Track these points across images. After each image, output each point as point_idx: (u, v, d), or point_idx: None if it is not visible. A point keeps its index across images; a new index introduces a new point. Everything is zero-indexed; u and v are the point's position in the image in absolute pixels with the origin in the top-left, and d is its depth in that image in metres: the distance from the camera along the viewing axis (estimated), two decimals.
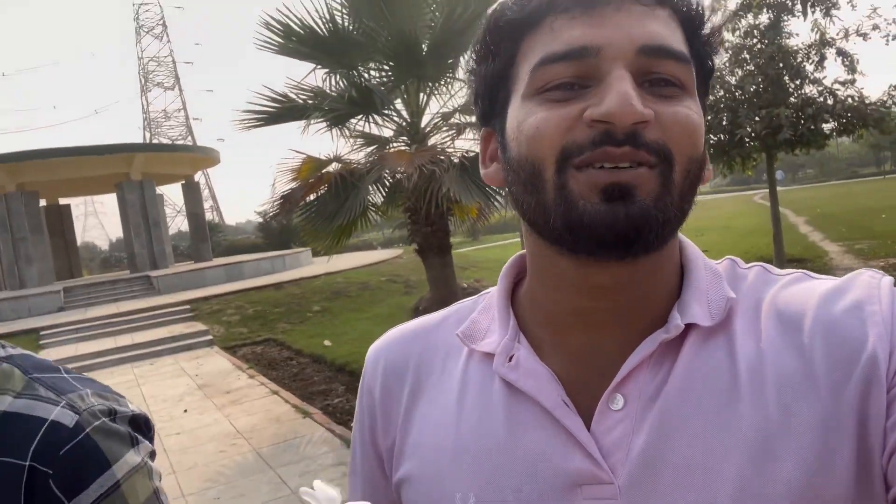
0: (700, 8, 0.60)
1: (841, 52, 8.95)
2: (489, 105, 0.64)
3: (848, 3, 8.84)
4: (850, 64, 8.96)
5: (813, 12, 8.80)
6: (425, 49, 5.42)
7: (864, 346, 0.52)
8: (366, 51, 5.47)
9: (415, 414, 0.67)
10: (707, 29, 0.60)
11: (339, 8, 5.50)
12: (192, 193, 21.87)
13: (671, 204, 0.54)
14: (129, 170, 18.77)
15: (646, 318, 0.59)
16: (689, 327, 0.57)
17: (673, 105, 0.55)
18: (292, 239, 26.29)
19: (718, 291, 0.60)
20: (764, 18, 9.15)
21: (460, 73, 5.63)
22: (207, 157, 21.64)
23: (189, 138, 67.54)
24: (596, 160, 0.52)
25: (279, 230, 28.23)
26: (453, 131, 5.81)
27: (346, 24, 5.48)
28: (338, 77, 5.73)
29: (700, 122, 0.57)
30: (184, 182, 21.94)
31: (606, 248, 0.54)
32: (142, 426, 0.74)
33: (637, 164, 0.52)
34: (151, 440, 0.76)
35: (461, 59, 5.58)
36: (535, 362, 0.60)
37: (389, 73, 5.59)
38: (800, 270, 0.63)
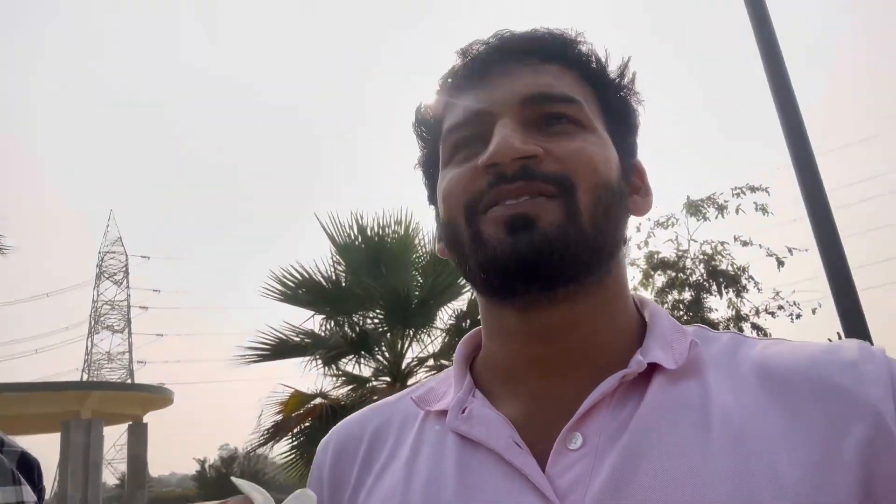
0: (593, 56, 0.66)
1: (755, 327, 10.37)
2: (430, 186, 0.72)
3: (755, 287, 10.46)
4: (765, 336, 10.26)
5: (727, 293, 10.34)
6: (414, 303, 6.46)
7: (864, 403, 0.50)
8: (363, 302, 6.48)
9: (363, 487, 0.65)
10: (608, 71, 0.66)
11: (343, 270, 6.63)
12: (138, 435, 21.21)
13: (578, 230, 0.56)
14: (81, 408, 18.45)
15: (602, 361, 0.58)
16: (654, 369, 0.56)
17: (567, 140, 0.59)
18: (233, 489, 24.82)
19: (683, 342, 0.59)
20: (687, 295, 10.68)
21: (439, 323, 6.60)
22: (161, 397, 21.45)
23: (129, 381, 65.43)
24: (495, 200, 0.57)
25: (215, 479, 26.67)
26: (432, 372, 6.62)
27: (347, 281, 6.57)
28: (332, 323, 6.64)
29: (602, 153, 0.60)
30: (131, 423, 21.41)
31: (514, 279, 0.56)
32: (33, 471, 0.70)
33: (536, 195, 0.56)
34: (40, 495, 0.71)
35: (443, 309, 6.61)
36: (488, 409, 0.59)
37: (382, 321, 6.55)
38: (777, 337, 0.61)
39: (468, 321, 6.56)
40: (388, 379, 6.81)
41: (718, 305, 9.28)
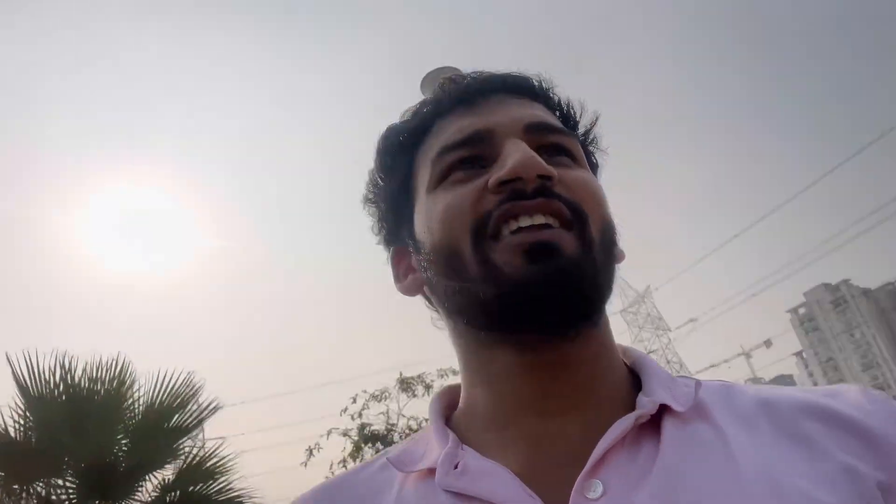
0: (570, 104, 0.68)
1: None
2: (394, 221, 0.67)
3: None
4: None
5: None
6: (120, 471, 5.57)
7: (879, 440, 0.50)
8: (53, 468, 5.36)
9: None
10: (581, 124, 0.68)
11: (32, 426, 5.49)
12: None
13: (596, 263, 0.54)
14: None
15: (605, 402, 0.55)
16: (662, 411, 0.53)
17: (572, 170, 0.59)
18: None
19: (680, 385, 0.57)
20: None
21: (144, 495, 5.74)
22: None
23: None
24: (508, 215, 0.54)
25: None
26: None
27: (37, 440, 5.42)
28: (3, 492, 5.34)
29: (601, 189, 0.60)
30: None
31: (545, 309, 0.52)
32: None
33: (553, 216, 0.54)
34: None
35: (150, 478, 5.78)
36: (484, 461, 0.53)
37: (74, 491, 5.44)
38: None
39: (176, 493, 5.82)
40: None
41: None
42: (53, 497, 5.48)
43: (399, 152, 0.67)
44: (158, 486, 5.90)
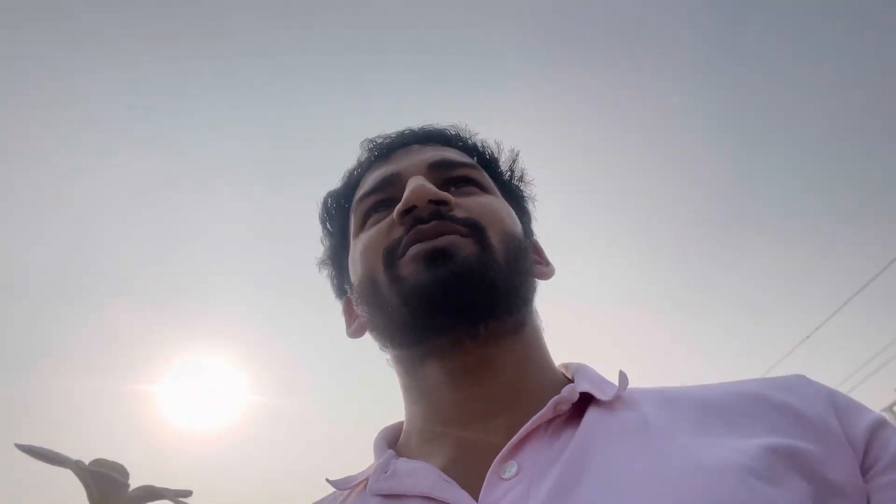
0: (485, 144, 0.74)
1: None
2: (339, 275, 0.74)
3: None
4: None
5: None
6: None
7: (808, 418, 0.51)
8: None
9: None
10: (500, 160, 0.74)
11: None
12: None
13: (493, 261, 0.57)
14: None
15: (532, 402, 0.55)
16: (587, 403, 0.55)
17: (475, 197, 0.64)
18: None
19: (610, 384, 0.58)
20: None
21: None
22: None
23: None
24: (412, 241, 0.58)
25: None
26: None
27: None
28: None
29: (506, 209, 0.65)
30: None
31: (439, 309, 0.55)
32: None
33: (450, 234, 0.58)
34: None
35: None
36: (413, 463, 0.56)
37: None
38: None
39: None
40: None
41: None
42: None
43: (335, 213, 0.74)
44: None
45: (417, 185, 0.61)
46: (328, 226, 0.76)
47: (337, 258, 0.75)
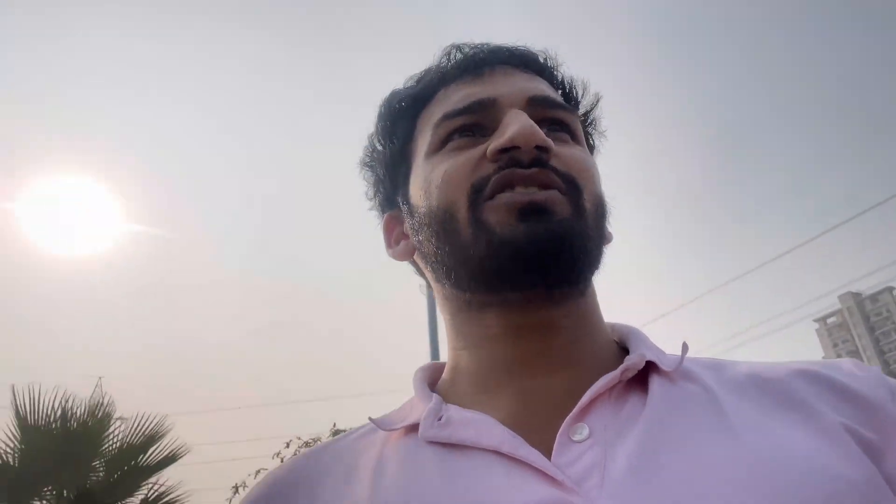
0: (573, 83, 0.69)
1: None
2: (391, 186, 0.68)
3: None
4: None
5: None
6: (98, 494, 6.64)
7: (870, 402, 0.50)
8: (40, 491, 6.46)
9: None
10: (582, 104, 0.68)
11: (21, 452, 6.58)
12: None
13: (588, 228, 0.55)
14: None
15: (590, 363, 0.55)
16: (648, 370, 0.54)
17: (570, 147, 0.60)
18: None
19: (667, 353, 0.58)
20: None
21: None
22: None
23: None
24: (505, 183, 0.54)
25: None
26: None
27: (28, 467, 6.51)
28: None
29: (597, 169, 0.61)
30: None
31: (528, 266, 0.52)
32: None
33: (547, 187, 0.54)
34: None
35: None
36: (469, 412, 0.53)
37: None
38: None
39: None
40: None
41: None
42: None
43: (400, 117, 0.67)
44: None
45: (526, 125, 0.56)
46: (388, 128, 0.69)
47: (392, 167, 0.68)
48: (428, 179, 0.60)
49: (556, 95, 0.65)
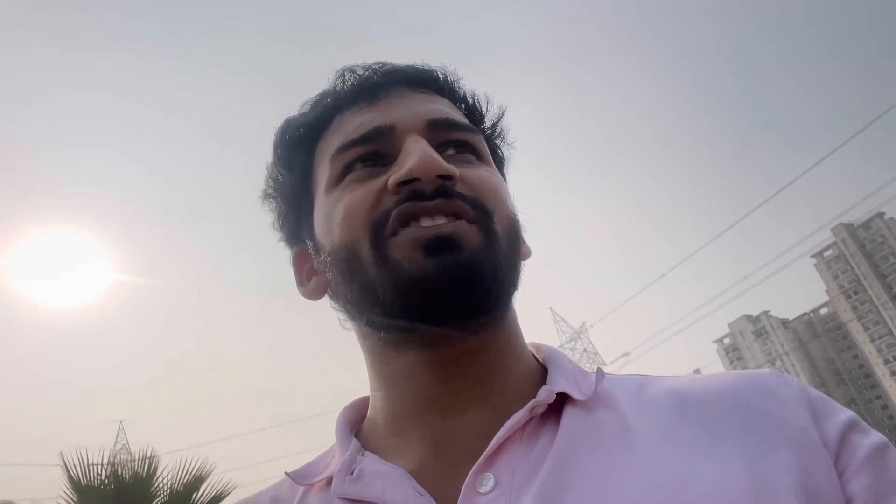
0: (475, 98, 0.66)
1: None
2: (295, 220, 0.65)
3: None
4: None
5: None
6: None
7: (788, 427, 0.49)
8: None
9: None
10: (488, 116, 0.66)
11: None
12: None
13: (500, 255, 0.53)
14: None
15: (506, 398, 0.54)
16: (563, 402, 0.53)
17: (475, 168, 0.58)
18: None
19: (586, 376, 0.57)
20: None
21: None
22: None
23: None
24: (407, 216, 0.52)
25: None
26: None
27: None
28: None
29: (506, 188, 0.60)
30: None
31: (444, 303, 0.51)
32: None
33: (454, 217, 0.52)
34: None
35: None
36: (381, 464, 0.53)
37: None
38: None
39: None
40: None
41: None
42: None
43: (297, 147, 0.64)
44: None
45: (426, 154, 0.54)
46: (286, 159, 0.66)
47: (296, 200, 0.65)
48: (329, 217, 0.58)
49: (458, 115, 0.63)
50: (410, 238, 0.52)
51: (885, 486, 0.47)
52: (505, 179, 0.66)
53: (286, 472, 0.59)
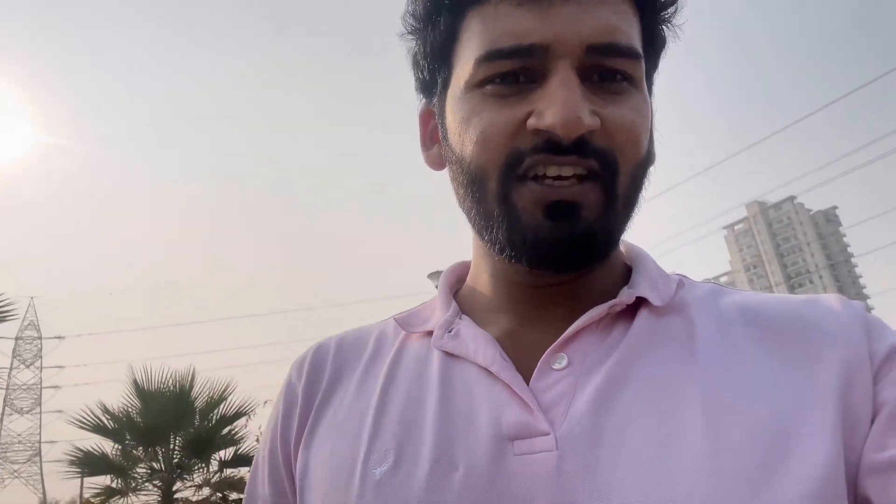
0: None
1: None
2: (430, 78, 0.64)
3: None
4: None
5: None
6: (199, 441, 9.41)
7: (842, 339, 0.53)
8: (159, 438, 9.24)
9: (335, 394, 0.65)
10: (665, 10, 0.60)
11: (141, 413, 9.27)
12: None
13: (615, 219, 0.56)
14: None
15: (594, 294, 0.59)
16: (640, 304, 0.58)
17: (619, 106, 0.55)
18: None
19: (667, 282, 0.61)
20: None
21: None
22: None
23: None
24: (539, 166, 0.53)
25: None
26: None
27: (147, 422, 9.23)
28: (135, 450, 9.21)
29: (646, 122, 0.57)
30: None
31: (548, 263, 0.56)
32: None
33: (581, 176, 0.53)
34: None
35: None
36: (476, 329, 0.60)
37: (174, 452, 9.35)
38: None
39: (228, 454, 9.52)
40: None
41: None
42: (161, 455, 9.42)
43: (445, 10, 0.60)
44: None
45: (570, 113, 0.51)
46: (432, 16, 0.61)
47: (433, 60, 0.63)
48: (464, 123, 0.57)
49: (626, 25, 0.55)
50: (536, 194, 0.53)
51: None
52: (657, 66, 0.63)
53: (394, 317, 0.68)
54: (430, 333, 0.64)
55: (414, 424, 0.56)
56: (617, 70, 0.55)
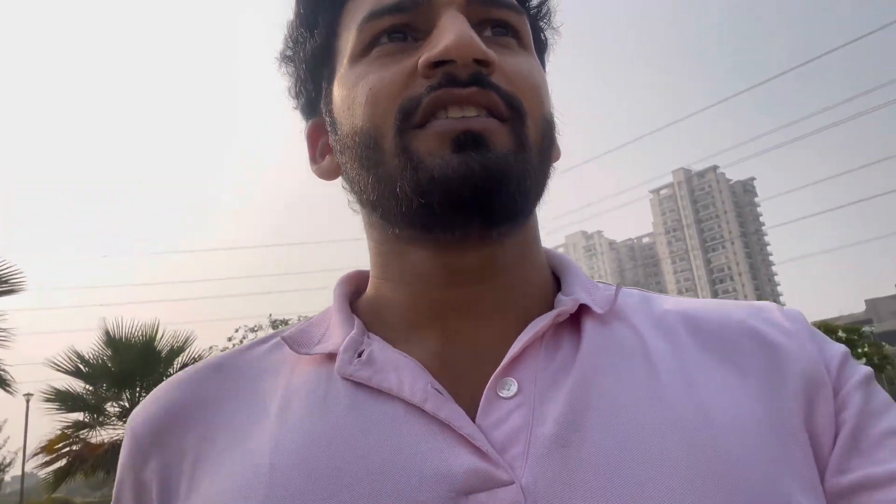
0: None
1: None
2: (313, 89, 0.59)
3: None
4: None
5: None
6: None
7: (796, 357, 0.51)
8: (127, 382, 10.36)
9: (207, 459, 0.49)
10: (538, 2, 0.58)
11: (111, 359, 10.34)
12: None
13: (530, 167, 0.49)
14: None
15: (524, 305, 0.53)
16: (581, 312, 0.53)
17: (514, 56, 0.52)
18: None
19: (600, 289, 0.57)
20: None
21: None
22: None
23: None
24: (438, 105, 0.48)
25: None
26: None
27: (117, 367, 10.31)
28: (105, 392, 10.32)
29: (543, 81, 0.54)
30: None
31: (465, 207, 0.48)
32: None
33: (487, 111, 0.48)
34: None
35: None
36: (392, 352, 0.50)
37: (137, 397, 10.49)
38: None
39: None
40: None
41: None
42: (126, 399, 10.58)
43: (323, 8, 0.57)
44: None
45: (464, 34, 0.48)
46: (308, 18, 0.59)
47: (315, 66, 0.59)
48: (351, 94, 0.52)
49: None
50: (439, 131, 0.48)
51: (869, 412, 0.48)
52: (544, 68, 0.61)
53: (282, 337, 0.55)
54: (330, 357, 0.51)
55: (324, 492, 0.43)
56: (504, 21, 0.53)
